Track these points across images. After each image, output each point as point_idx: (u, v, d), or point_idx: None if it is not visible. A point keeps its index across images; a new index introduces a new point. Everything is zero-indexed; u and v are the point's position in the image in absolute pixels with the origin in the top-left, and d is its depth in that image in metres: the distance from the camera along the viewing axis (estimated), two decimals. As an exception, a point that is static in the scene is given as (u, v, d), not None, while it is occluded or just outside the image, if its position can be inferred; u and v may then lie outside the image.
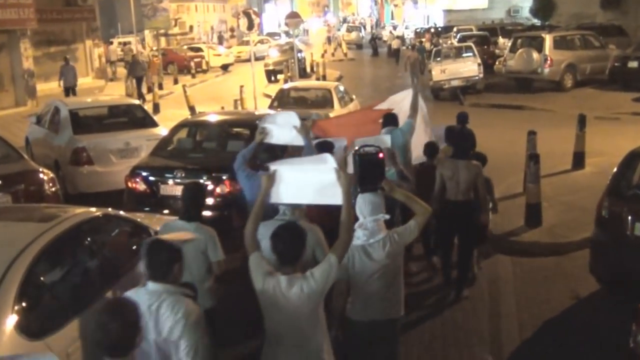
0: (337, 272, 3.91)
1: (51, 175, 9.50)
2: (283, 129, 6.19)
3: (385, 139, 6.15)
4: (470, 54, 23.96)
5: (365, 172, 4.40)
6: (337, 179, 4.07)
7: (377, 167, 4.55)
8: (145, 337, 3.35)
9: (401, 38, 48.80)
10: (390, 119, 7.65)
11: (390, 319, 4.67)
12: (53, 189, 9.18)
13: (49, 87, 23.33)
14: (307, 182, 4.27)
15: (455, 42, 31.01)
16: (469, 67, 23.50)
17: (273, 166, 4.37)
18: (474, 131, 8.74)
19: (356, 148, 4.74)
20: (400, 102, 8.41)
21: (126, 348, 3.00)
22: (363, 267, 4.34)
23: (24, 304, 4.33)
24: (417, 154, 7.83)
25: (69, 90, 22.53)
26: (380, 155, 4.56)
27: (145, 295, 3.71)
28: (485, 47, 29.31)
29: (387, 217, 4.60)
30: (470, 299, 7.36)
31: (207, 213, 8.45)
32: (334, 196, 4.11)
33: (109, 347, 2.97)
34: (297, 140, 6.19)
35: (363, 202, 4.48)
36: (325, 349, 3.98)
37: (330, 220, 4.64)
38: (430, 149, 7.80)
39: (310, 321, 3.90)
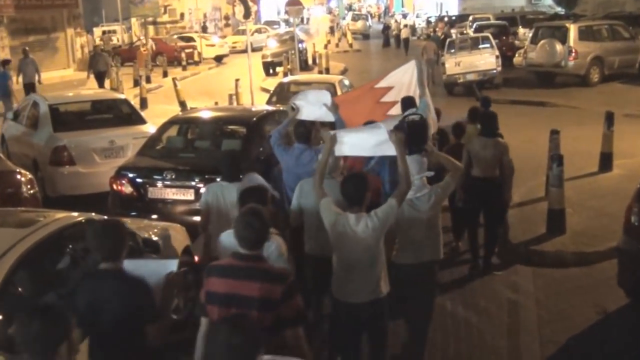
0: (395, 214, 5.08)
1: (29, 176, 9.51)
2: (313, 106, 7.53)
3: (383, 127, 6.49)
4: (488, 45, 23.95)
5: (413, 136, 5.40)
6: (389, 139, 5.28)
7: (423, 131, 5.72)
8: None
9: (412, 27, 48.87)
10: (408, 103, 8.14)
11: (431, 261, 5.93)
12: (31, 192, 9.20)
13: (27, 80, 23.34)
14: (364, 139, 5.59)
15: (471, 32, 31.01)
16: (485, 59, 23.49)
17: (333, 132, 5.64)
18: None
19: (404, 115, 6.03)
20: (402, 78, 8.75)
21: (262, 241, 4.22)
22: (411, 218, 5.62)
23: (0, 317, 4.34)
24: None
25: (29, 87, 20.75)
26: None
27: None
28: (504, 37, 29.31)
29: (432, 174, 5.80)
30: (486, 313, 7.37)
31: (199, 218, 8.48)
32: (388, 149, 5.35)
33: (251, 239, 4.16)
34: (328, 116, 7.52)
35: (411, 162, 5.39)
36: (383, 276, 5.18)
37: (377, 197, 6.05)
38: (458, 129, 8.92)
39: (373, 252, 5.06)
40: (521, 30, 32.05)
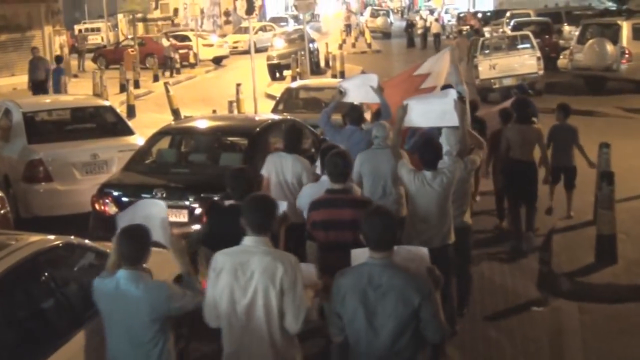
0: (462, 170, 7.11)
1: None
2: (359, 88, 9.22)
3: (453, 92, 8.00)
4: (528, 45, 23.95)
5: None
6: (454, 108, 7.27)
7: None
8: None
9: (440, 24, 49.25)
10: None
11: (468, 225, 7.85)
12: (2, 211, 9.28)
13: (-1, 84, 23.60)
14: (431, 110, 7.50)
15: (508, 30, 31.05)
16: (525, 61, 23.49)
17: (405, 101, 7.61)
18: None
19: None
20: (438, 65, 10.31)
21: (346, 175, 6.25)
22: (462, 179, 7.40)
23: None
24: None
25: None
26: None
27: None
28: (547, 36, 29.32)
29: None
30: (524, 355, 7.35)
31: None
32: (452, 120, 7.31)
33: (338, 174, 6.16)
34: (373, 98, 9.20)
35: (451, 134, 7.46)
36: (451, 227, 7.01)
37: None
38: (505, 115, 10.56)
39: (445, 204, 6.91)
40: (566, 28, 32.04)
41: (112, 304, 4.87)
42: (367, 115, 10.60)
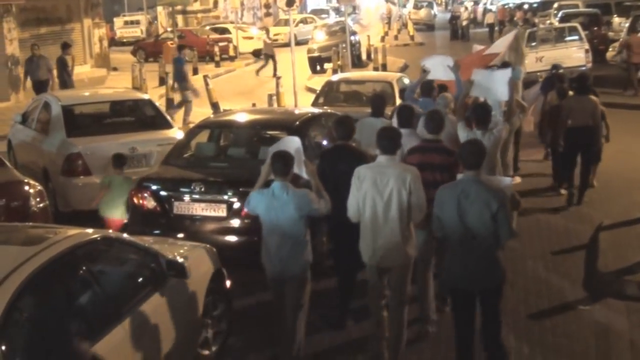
0: (508, 131, 9.29)
1: (39, 187, 9.69)
2: (438, 67, 11.16)
3: (508, 71, 10.46)
4: (576, 37, 23.74)
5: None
6: (507, 83, 9.85)
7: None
8: None
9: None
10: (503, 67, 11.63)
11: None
12: (41, 205, 9.37)
13: (38, 78, 23.82)
14: (489, 85, 10.06)
15: (555, 21, 30.73)
16: (573, 54, 23.27)
17: (472, 76, 10.23)
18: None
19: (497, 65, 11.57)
20: (505, 45, 13.39)
21: (440, 129, 7.77)
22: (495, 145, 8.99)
23: (3, 348, 4.44)
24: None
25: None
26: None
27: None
28: (595, 28, 28.98)
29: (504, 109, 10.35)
30: (570, 356, 7.29)
31: (232, 238, 8.63)
32: (503, 95, 9.98)
33: (433, 127, 7.71)
34: (450, 76, 10.97)
35: (492, 102, 9.63)
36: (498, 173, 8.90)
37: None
38: (561, 91, 12.45)
39: (493, 159, 8.56)
40: (616, 20, 31.63)
41: (270, 207, 6.61)
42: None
